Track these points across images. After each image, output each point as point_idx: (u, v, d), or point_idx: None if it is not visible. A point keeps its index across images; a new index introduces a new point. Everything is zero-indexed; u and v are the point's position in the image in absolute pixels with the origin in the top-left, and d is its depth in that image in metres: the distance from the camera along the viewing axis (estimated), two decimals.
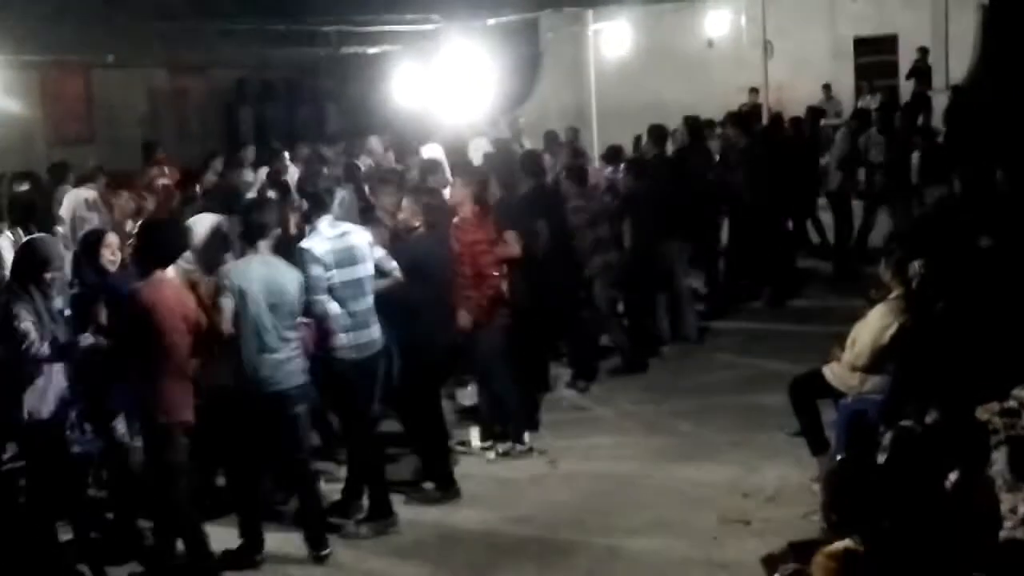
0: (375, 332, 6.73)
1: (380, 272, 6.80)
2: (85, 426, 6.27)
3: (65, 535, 6.25)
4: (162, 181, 10.93)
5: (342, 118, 19.30)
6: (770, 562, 5.55)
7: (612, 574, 6.07)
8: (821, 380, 6.95)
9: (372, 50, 16.05)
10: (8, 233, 7.63)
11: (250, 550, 6.32)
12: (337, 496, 6.99)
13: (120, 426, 6.32)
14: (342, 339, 6.54)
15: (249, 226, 6.38)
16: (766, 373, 9.02)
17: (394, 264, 6.92)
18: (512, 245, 7.98)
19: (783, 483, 6.93)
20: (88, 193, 9.41)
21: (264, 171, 11.68)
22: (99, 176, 10.53)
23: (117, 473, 6.53)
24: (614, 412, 8.73)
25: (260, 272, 6.17)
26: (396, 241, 7.27)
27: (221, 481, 6.86)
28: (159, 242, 6.04)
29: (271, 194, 9.62)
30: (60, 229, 8.59)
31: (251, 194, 9.89)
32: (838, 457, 4.86)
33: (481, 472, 7.59)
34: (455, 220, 7.68)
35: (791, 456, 7.15)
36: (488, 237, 7.67)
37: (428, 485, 7.23)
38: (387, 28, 15.06)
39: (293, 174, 11.47)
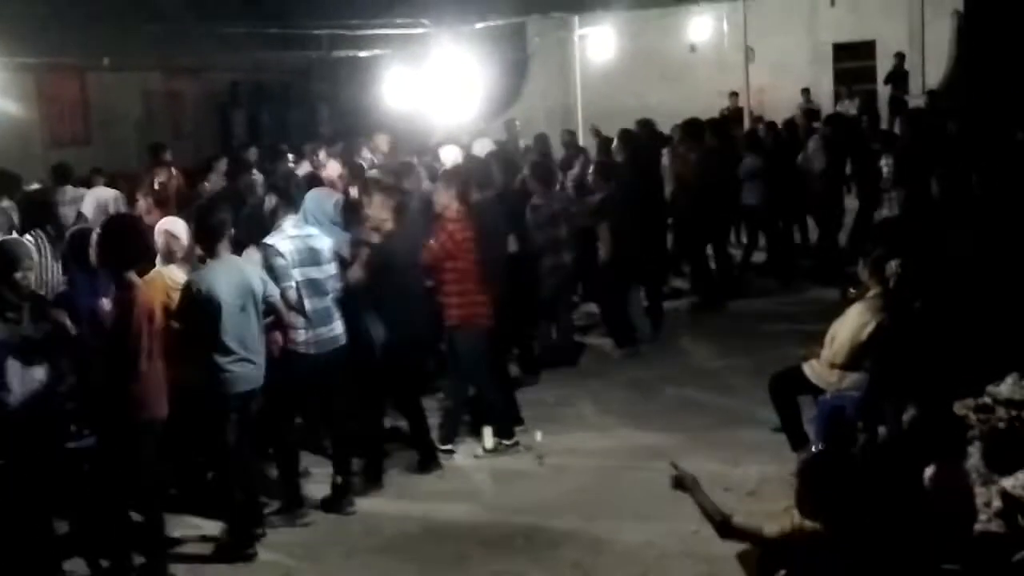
0: (336, 329, 6.93)
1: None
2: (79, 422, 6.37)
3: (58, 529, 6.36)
4: (173, 183, 10.95)
5: (334, 120, 19.43)
6: (745, 558, 5.65)
7: (597, 566, 6.16)
8: (801, 377, 7.10)
9: (363, 54, 16.17)
10: (29, 236, 7.48)
11: (241, 544, 6.42)
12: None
13: None
14: (301, 335, 6.75)
15: (206, 230, 6.44)
16: (746, 369, 9.17)
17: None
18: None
19: (764, 477, 7.03)
20: (110, 194, 9.52)
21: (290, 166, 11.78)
22: (98, 179, 10.56)
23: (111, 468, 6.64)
24: (598, 408, 8.85)
25: (227, 275, 6.28)
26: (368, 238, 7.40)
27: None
28: (122, 244, 6.06)
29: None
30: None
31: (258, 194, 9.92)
32: (813, 448, 5.00)
33: (469, 467, 7.73)
34: (444, 218, 7.79)
35: (772, 451, 7.27)
36: (475, 236, 7.79)
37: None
38: (378, 32, 15.19)
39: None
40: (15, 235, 7.51)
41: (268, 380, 6.53)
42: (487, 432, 7.94)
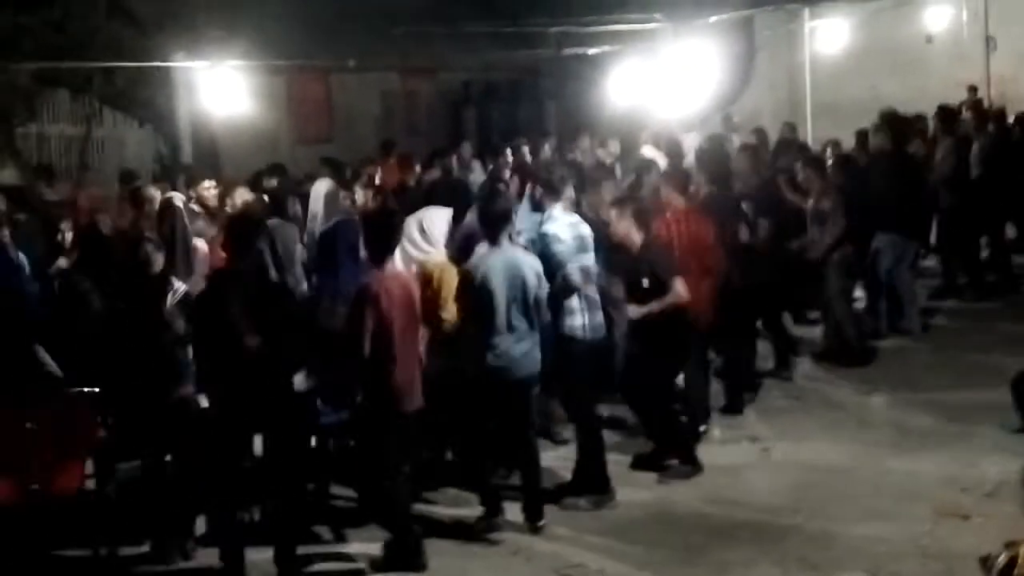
0: (601, 317, 7.05)
1: None
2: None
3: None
4: (377, 178, 11.30)
5: (561, 117, 19.78)
6: (987, 562, 5.49)
7: (825, 560, 6.09)
8: None
9: (592, 51, 16.40)
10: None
11: (490, 515, 6.67)
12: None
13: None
14: (579, 320, 6.87)
15: (489, 217, 6.69)
16: (986, 368, 8.90)
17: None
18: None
19: (1003, 479, 6.81)
20: (328, 187, 10.10)
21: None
22: (323, 171, 11.04)
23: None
24: (827, 402, 8.76)
25: (502, 264, 6.46)
26: (618, 252, 7.45)
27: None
28: (379, 232, 6.32)
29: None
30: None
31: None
32: None
33: (703, 468, 7.66)
34: (670, 215, 7.85)
35: (1012, 452, 7.04)
36: (710, 231, 7.85)
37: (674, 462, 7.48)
38: (609, 28, 15.39)
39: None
40: None
41: (557, 368, 6.78)
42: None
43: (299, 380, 6.47)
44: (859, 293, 10.44)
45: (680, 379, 8.07)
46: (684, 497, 7.11)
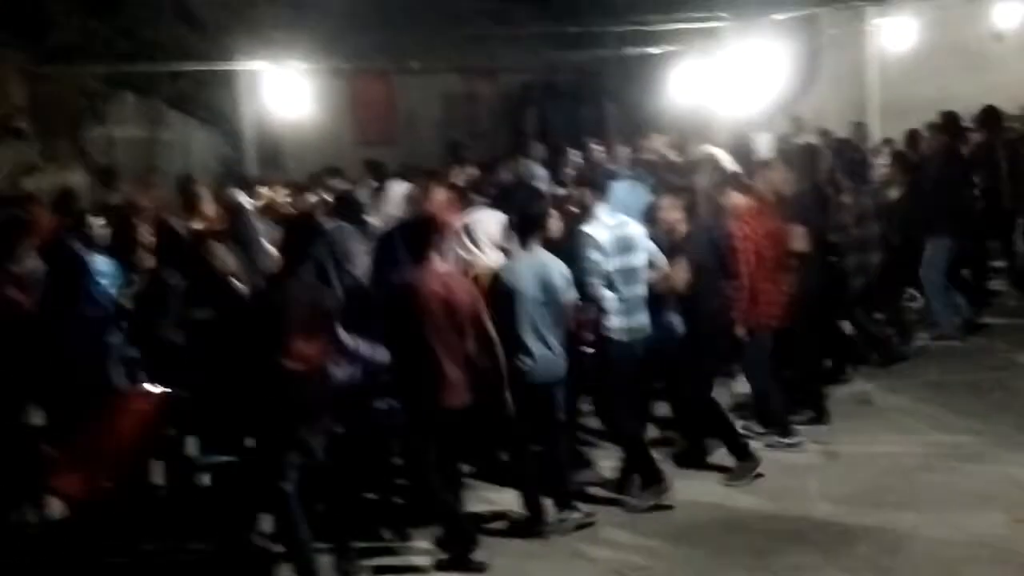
0: (645, 318, 6.99)
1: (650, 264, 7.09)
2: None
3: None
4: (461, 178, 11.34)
5: (622, 118, 19.73)
6: None
7: (895, 565, 6.00)
8: None
9: (654, 50, 16.33)
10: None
11: (534, 522, 6.64)
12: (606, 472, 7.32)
13: None
14: (615, 322, 6.85)
15: (524, 221, 6.68)
16: None
17: (663, 258, 7.18)
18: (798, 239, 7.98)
19: None
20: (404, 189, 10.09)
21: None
22: (412, 174, 11.18)
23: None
24: (896, 406, 8.61)
25: (532, 270, 6.47)
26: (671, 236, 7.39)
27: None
28: (416, 234, 6.34)
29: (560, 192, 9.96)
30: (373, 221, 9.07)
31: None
32: None
33: (761, 460, 7.63)
34: (744, 209, 7.72)
35: None
36: (787, 233, 7.75)
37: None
38: (672, 27, 15.31)
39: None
40: None
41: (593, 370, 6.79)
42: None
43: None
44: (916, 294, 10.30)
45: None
46: (748, 499, 7.05)
